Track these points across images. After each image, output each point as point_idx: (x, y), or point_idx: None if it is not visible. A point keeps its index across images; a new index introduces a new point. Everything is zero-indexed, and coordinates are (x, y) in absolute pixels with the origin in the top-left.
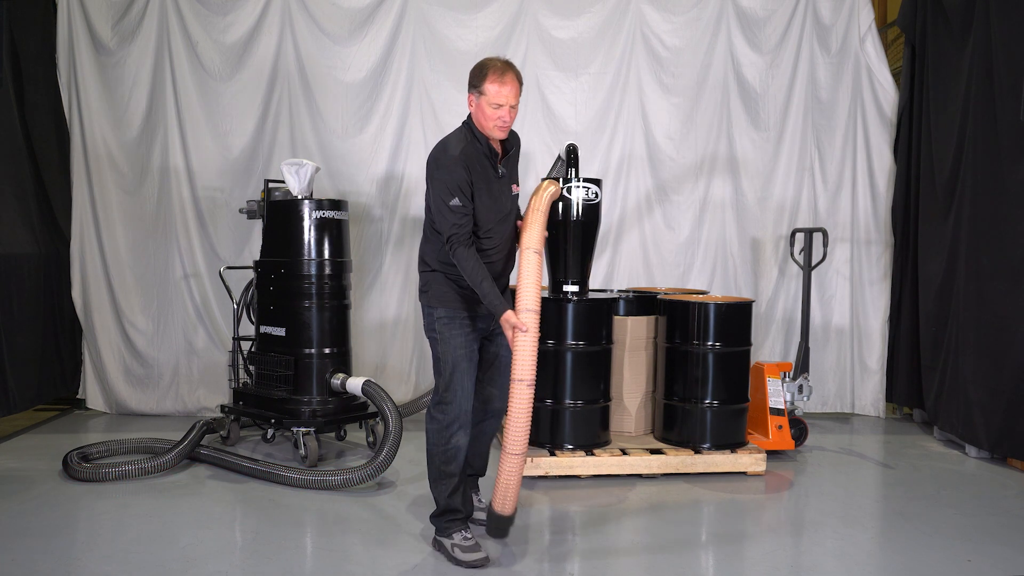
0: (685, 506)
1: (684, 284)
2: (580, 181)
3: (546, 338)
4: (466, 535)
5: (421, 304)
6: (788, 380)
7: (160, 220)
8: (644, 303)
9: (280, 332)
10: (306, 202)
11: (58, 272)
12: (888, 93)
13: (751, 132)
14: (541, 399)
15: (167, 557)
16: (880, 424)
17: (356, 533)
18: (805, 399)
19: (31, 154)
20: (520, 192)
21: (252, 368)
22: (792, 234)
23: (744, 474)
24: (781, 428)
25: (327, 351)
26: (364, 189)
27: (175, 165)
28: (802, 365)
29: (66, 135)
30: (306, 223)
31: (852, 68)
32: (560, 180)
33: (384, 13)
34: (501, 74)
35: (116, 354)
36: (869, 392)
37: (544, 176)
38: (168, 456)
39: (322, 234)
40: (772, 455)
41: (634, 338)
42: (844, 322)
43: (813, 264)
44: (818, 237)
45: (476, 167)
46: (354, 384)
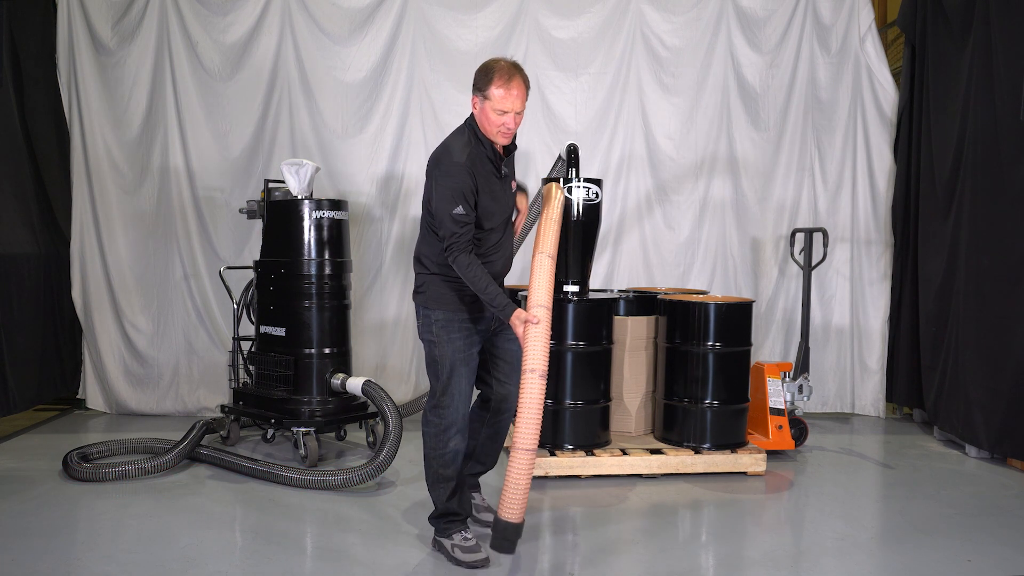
0: (685, 506)
1: (684, 284)
2: (580, 181)
3: None
4: (466, 535)
5: (415, 305)
6: (788, 380)
7: (160, 220)
8: (644, 303)
9: (280, 332)
10: (306, 202)
11: (58, 272)
12: (888, 93)
13: (751, 132)
14: None
15: (167, 557)
16: (880, 424)
17: (356, 533)
18: (805, 399)
19: (31, 154)
20: (515, 186)
21: (252, 368)
22: (792, 234)
23: (744, 474)
24: (781, 428)
25: (327, 351)
26: (364, 189)
27: (175, 165)
28: (802, 365)
29: (66, 135)
30: (306, 223)
31: (852, 68)
32: (561, 180)
33: (384, 13)
34: (508, 79)
35: (116, 354)
36: (869, 392)
37: (544, 176)
38: (168, 456)
39: (322, 234)
40: (772, 455)
41: (634, 338)
42: (844, 322)
43: (813, 264)
44: (818, 237)
45: (480, 171)
46: (354, 384)
